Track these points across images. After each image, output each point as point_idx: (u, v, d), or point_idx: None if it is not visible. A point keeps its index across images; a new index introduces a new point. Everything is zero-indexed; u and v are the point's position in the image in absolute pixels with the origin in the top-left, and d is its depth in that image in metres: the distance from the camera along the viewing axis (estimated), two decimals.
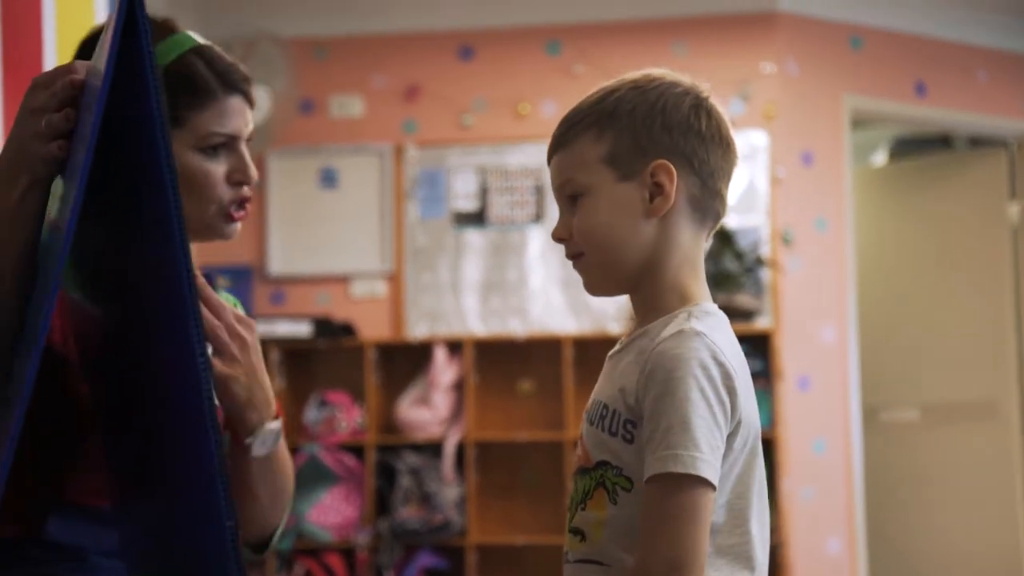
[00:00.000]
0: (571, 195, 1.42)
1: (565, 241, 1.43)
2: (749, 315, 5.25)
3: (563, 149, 1.43)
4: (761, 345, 5.20)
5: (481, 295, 5.52)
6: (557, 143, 1.44)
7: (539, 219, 5.50)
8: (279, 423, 1.63)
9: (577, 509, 1.38)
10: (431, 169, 5.59)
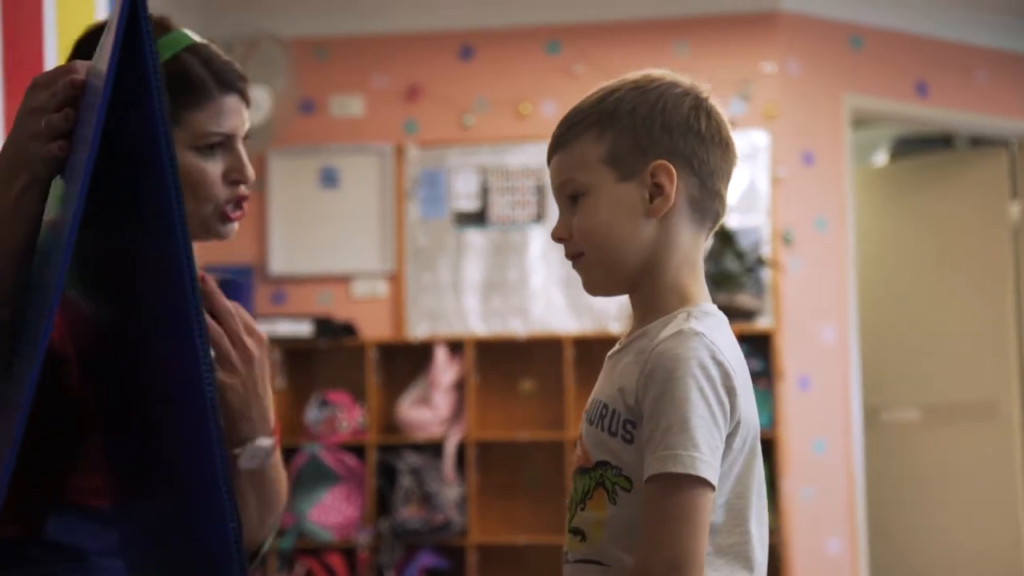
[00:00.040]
0: (571, 195, 1.42)
1: (565, 241, 1.43)
2: (750, 315, 5.25)
3: (563, 149, 1.43)
4: (762, 345, 5.20)
5: (482, 295, 5.52)
6: (557, 143, 1.44)
7: (540, 219, 5.50)
8: (271, 441, 1.60)
9: (577, 509, 1.38)
10: (432, 169, 5.59)
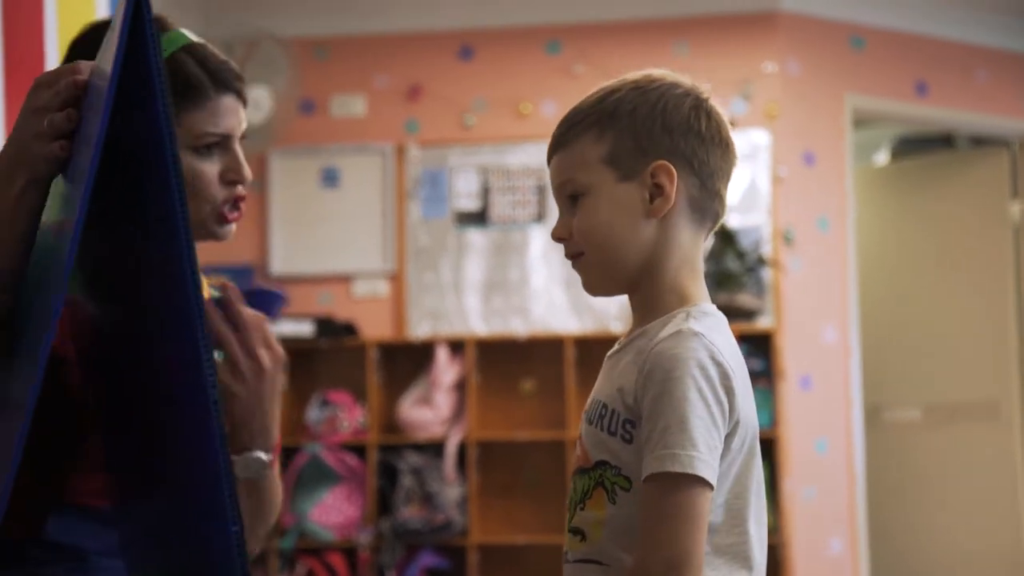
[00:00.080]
0: (571, 195, 1.42)
1: (565, 241, 1.43)
2: (751, 315, 5.25)
3: (563, 149, 1.43)
4: (763, 345, 5.20)
5: (483, 295, 5.52)
6: (557, 143, 1.44)
7: (541, 219, 5.50)
8: (269, 457, 1.58)
9: (576, 509, 1.39)
10: (433, 169, 5.59)
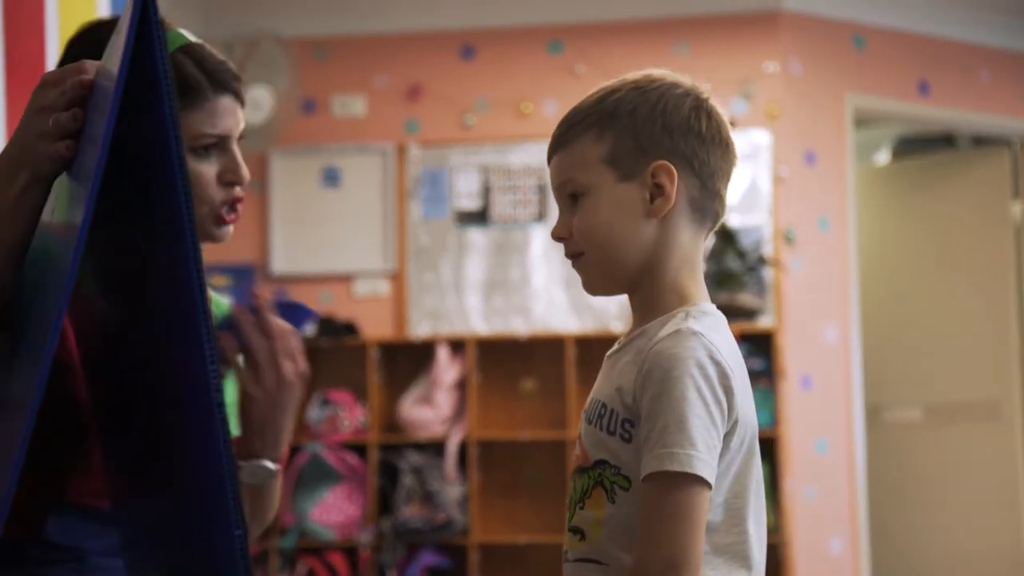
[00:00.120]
0: (571, 194, 1.42)
1: (565, 240, 1.43)
2: (751, 314, 5.25)
3: (563, 149, 1.43)
4: (763, 344, 5.21)
5: (484, 294, 5.53)
6: (557, 143, 1.44)
7: (542, 218, 5.50)
8: (275, 466, 1.58)
9: (576, 508, 1.39)
10: (433, 168, 5.59)
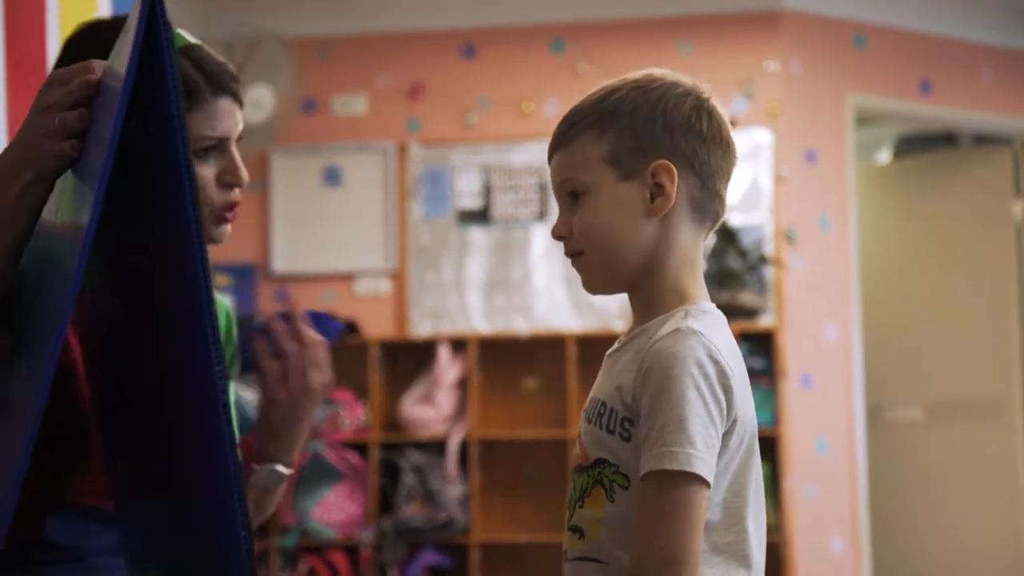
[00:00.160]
0: (571, 193, 1.42)
1: (565, 239, 1.43)
2: (752, 313, 5.25)
3: (564, 148, 1.43)
4: (764, 343, 5.21)
5: (485, 293, 5.53)
6: (558, 141, 1.44)
7: (543, 217, 5.50)
8: (289, 471, 1.63)
9: (575, 507, 1.39)
10: (435, 167, 5.59)
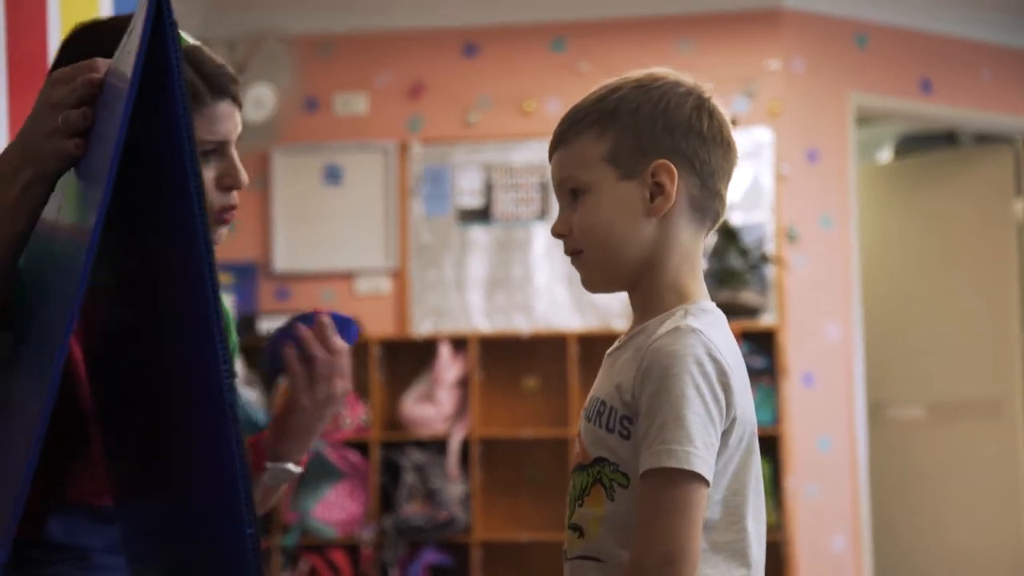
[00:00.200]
0: (571, 191, 1.42)
1: (565, 237, 1.43)
2: (754, 312, 5.25)
3: (564, 146, 1.43)
4: (766, 342, 5.20)
5: (486, 292, 5.53)
6: (558, 140, 1.44)
7: (544, 216, 5.50)
8: (299, 469, 1.68)
9: (575, 506, 1.39)
10: (436, 166, 5.59)
